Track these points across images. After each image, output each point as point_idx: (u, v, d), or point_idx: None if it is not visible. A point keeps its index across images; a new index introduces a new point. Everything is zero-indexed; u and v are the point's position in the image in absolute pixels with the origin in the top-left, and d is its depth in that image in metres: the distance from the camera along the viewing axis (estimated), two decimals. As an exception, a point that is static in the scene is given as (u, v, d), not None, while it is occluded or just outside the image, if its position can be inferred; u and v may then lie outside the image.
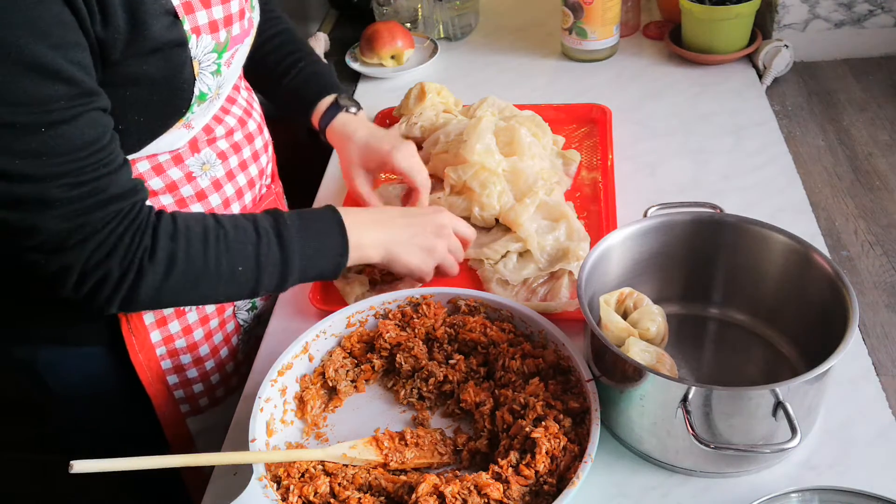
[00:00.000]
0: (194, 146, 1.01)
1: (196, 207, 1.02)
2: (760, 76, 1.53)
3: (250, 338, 1.19)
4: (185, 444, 1.15)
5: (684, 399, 0.76)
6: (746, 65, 1.55)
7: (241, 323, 1.17)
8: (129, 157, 0.93)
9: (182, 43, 0.87)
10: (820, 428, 0.88)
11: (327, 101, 1.20)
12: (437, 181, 1.24)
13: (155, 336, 1.05)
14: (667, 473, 0.85)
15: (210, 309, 1.10)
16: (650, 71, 1.57)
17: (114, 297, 0.85)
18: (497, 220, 1.17)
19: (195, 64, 0.90)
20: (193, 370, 1.11)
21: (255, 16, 1.03)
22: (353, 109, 1.19)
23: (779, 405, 0.76)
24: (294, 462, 0.85)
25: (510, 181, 1.19)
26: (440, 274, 1.06)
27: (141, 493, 1.25)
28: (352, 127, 1.17)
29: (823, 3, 1.56)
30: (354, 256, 0.97)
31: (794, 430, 0.74)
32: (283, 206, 1.25)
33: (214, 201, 1.04)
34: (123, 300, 0.85)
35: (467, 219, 1.19)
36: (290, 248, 0.92)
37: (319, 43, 1.72)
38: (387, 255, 1.00)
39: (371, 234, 0.99)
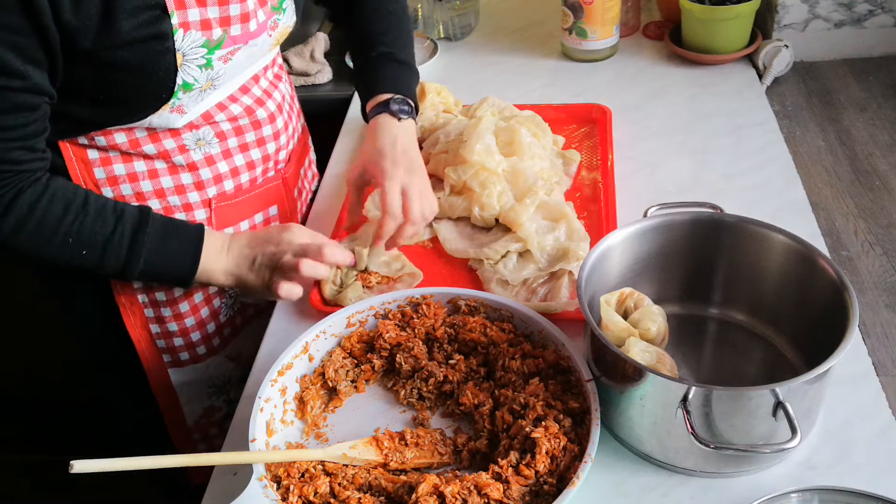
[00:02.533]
0: (191, 124, 1.05)
1: (186, 177, 1.08)
2: (760, 76, 1.53)
3: (235, 302, 1.23)
4: (168, 392, 1.23)
5: (684, 399, 0.76)
6: (746, 65, 1.55)
7: (229, 292, 1.22)
8: (125, 127, 1.01)
9: (162, 36, 0.92)
10: (820, 428, 0.88)
11: (386, 95, 1.17)
12: (437, 181, 1.24)
13: (136, 283, 1.12)
14: (667, 473, 0.85)
15: None
16: (650, 71, 1.57)
17: None
18: (497, 220, 1.17)
19: (178, 56, 0.94)
20: (174, 324, 1.17)
21: (284, 18, 1.07)
22: (403, 116, 1.15)
23: (779, 405, 0.76)
24: (294, 462, 0.85)
25: (510, 181, 1.19)
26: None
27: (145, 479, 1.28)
28: (381, 131, 1.14)
29: (823, 3, 1.56)
30: (203, 279, 1.04)
31: (794, 430, 0.74)
32: (289, 193, 1.25)
33: (205, 174, 1.10)
34: None
35: (467, 219, 1.19)
36: (138, 252, 0.99)
37: (319, 43, 1.71)
38: (235, 285, 1.07)
39: (218, 262, 1.04)
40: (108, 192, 1.06)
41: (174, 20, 0.92)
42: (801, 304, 0.91)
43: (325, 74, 1.67)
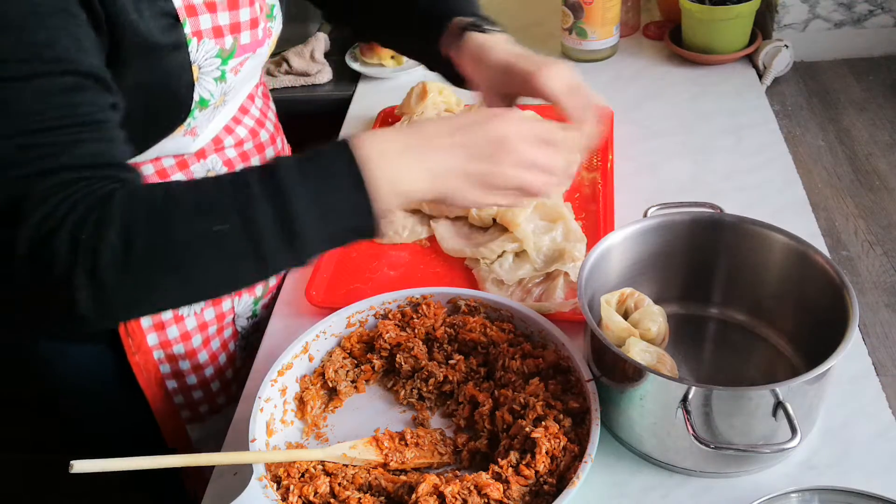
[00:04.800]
0: (201, 153, 1.00)
1: None
2: (760, 76, 1.53)
3: (247, 344, 1.18)
4: (186, 451, 1.11)
5: (684, 399, 0.76)
6: (746, 65, 1.55)
7: (240, 330, 1.15)
8: (133, 161, 0.90)
9: (180, 45, 0.84)
10: (820, 428, 0.88)
11: (460, 22, 0.94)
12: (437, 181, 1.24)
13: (152, 339, 1.03)
14: (667, 474, 0.85)
15: (209, 315, 1.08)
16: (650, 71, 1.57)
17: (76, 295, 0.66)
18: (494, 219, 1.17)
19: (195, 69, 0.87)
20: (192, 377, 1.09)
21: (276, 25, 1.00)
22: (491, 28, 0.93)
23: (779, 405, 0.76)
24: (294, 462, 0.85)
25: (510, 181, 1.19)
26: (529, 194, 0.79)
27: (142, 490, 1.25)
28: (488, 46, 0.90)
29: (823, 3, 1.56)
30: (391, 193, 0.72)
31: (794, 430, 0.74)
32: None
33: None
34: (94, 296, 0.67)
35: (465, 218, 1.19)
36: (284, 188, 0.69)
37: (319, 43, 1.72)
38: (437, 192, 0.75)
39: (407, 166, 0.73)
40: None
41: (187, 29, 0.84)
42: (801, 304, 0.91)
43: (325, 74, 1.67)
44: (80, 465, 0.74)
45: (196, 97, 0.89)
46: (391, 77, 1.63)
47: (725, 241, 0.95)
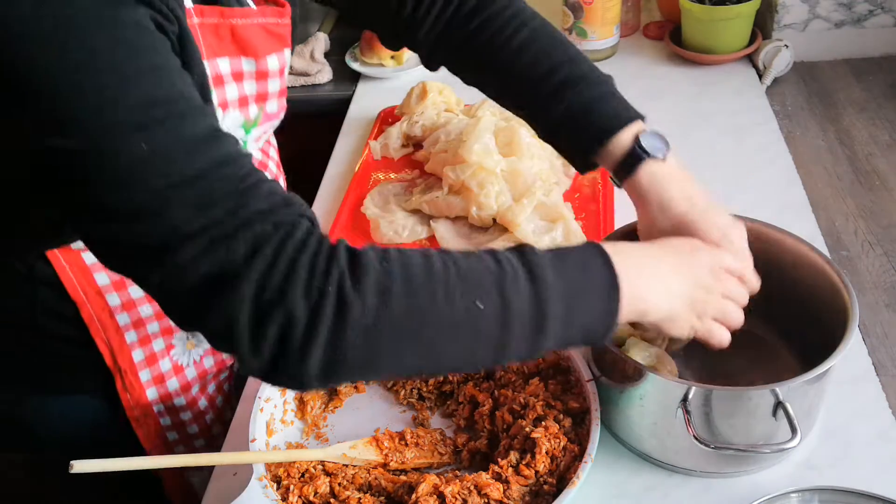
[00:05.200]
0: None
1: None
2: (760, 76, 1.53)
3: (237, 379, 1.12)
4: (188, 498, 1.06)
5: (684, 399, 0.76)
6: (746, 65, 1.55)
7: (235, 370, 1.10)
8: None
9: None
10: (820, 428, 0.88)
11: (624, 140, 0.84)
12: (437, 180, 1.25)
13: (151, 393, 0.97)
14: (667, 473, 0.85)
15: (209, 363, 1.03)
16: (650, 71, 1.57)
17: (310, 350, 0.60)
18: (494, 220, 1.17)
19: None
20: (194, 426, 1.05)
21: (287, 57, 0.92)
22: (660, 153, 0.83)
23: (779, 405, 0.76)
24: (294, 462, 0.85)
25: (508, 181, 1.19)
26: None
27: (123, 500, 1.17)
28: (664, 186, 0.82)
29: (823, 3, 1.56)
30: (631, 310, 0.70)
31: (794, 429, 0.74)
32: None
33: None
34: (328, 353, 0.60)
35: (465, 218, 1.19)
36: (544, 281, 0.65)
37: (319, 43, 1.72)
38: (667, 313, 0.73)
39: (651, 285, 0.72)
40: (114, 300, 0.89)
41: (214, 99, 0.78)
42: (801, 304, 0.91)
43: (325, 74, 1.67)
44: (80, 466, 0.75)
45: None
46: (391, 77, 1.63)
47: (725, 241, 0.95)
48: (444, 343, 0.64)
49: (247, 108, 0.84)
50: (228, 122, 0.83)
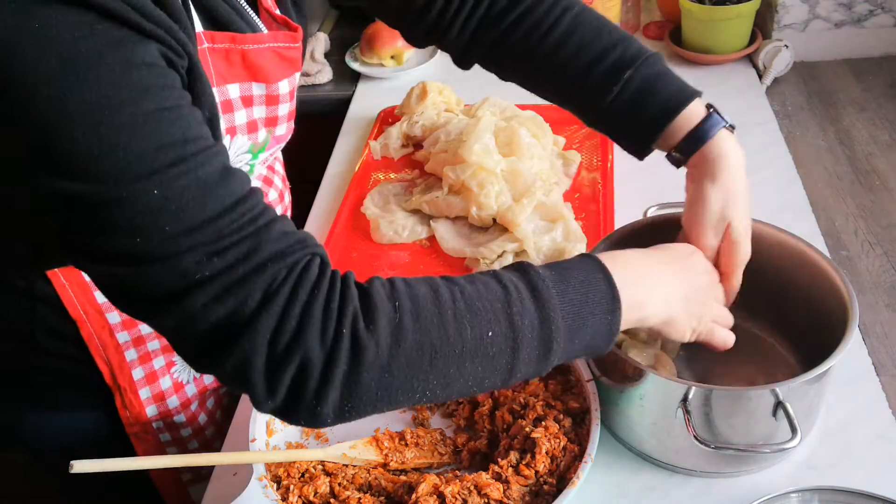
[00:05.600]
0: None
1: None
2: (760, 76, 1.53)
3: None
4: None
5: (684, 399, 0.76)
6: (746, 65, 1.55)
7: None
8: None
9: None
10: (820, 428, 0.88)
11: (695, 112, 0.84)
12: (437, 180, 1.25)
13: (151, 410, 0.97)
14: (667, 473, 0.85)
15: (209, 380, 1.02)
16: (650, 71, 1.57)
17: (326, 392, 0.60)
18: (494, 220, 1.17)
19: None
20: (195, 441, 1.03)
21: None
22: (728, 120, 0.85)
23: (779, 405, 0.76)
24: (294, 462, 0.85)
25: (508, 181, 1.19)
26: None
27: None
28: (731, 160, 0.84)
29: (823, 3, 1.56)
30: (630, 318, 0.71)
31: (794, 429, 0.74)
32: None
33: None
34: (344, 395, 0.61)
35: (465, 218, 1.19)
36: (549, 301, 0.66)
37: (319, 43, 1.72)
38: (666, 320, 0.75)
39: (646, 291, 0.73)
40: (114, 318, 0.88)
41: (221, 125, 0.75)
42: (802, 304, 0.91)
43: (325, 74, 1.67)
44: (81, 465, 0.75)
45: None
46: (391, 77, 1.63)
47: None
48: (457, 373, 0.64)
49: (256, 132, 0.83)
50: (236, 147, 0.81)
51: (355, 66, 1.65)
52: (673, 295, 0.75)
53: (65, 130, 0.55)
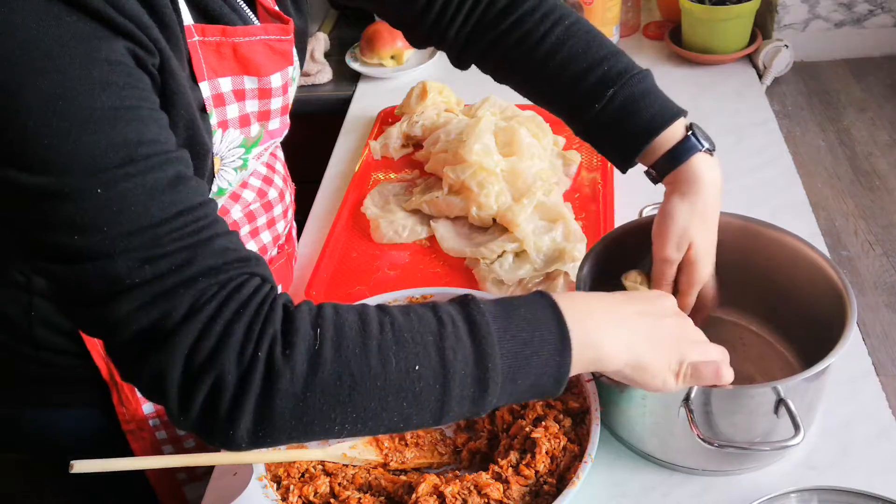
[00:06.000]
0: None
1: None
2: (760, 76, 1.53)
3: None
4: None
5: (686, 398, 0.76)
6: (746, 65, 1.55)
7: None
8: None
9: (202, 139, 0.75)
10: (820, 428, 0.88)
11: (676, 132, 0.85)
12: (437, 180, 1.25)
13: (147, 407, 0.96)
14: (667, 473, 0.85)
15: None
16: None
17: (239, 416, 0.59)
18: (494, 220, 1.17)
19: (216, 160, 0.80)
20: (191, 440, 1.03)
21: (293, 88, 0.91)
22: (706, 144, 0.85)
23: (780, 402, 0.76)
24: (294, 462, 0.85)
25: (508, 181, 1.19)
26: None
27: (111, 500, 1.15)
28: (704, 182, 0.84)
29: (823, 3, 1.56)
30: (584, 359, 0.67)
31: (797, 427, 0.74)
32: (292, 268, 1.13)
33: None
34: (256, 420, 0.60)
35: (465, 218, 1.19)
36: (487, 338, 0.63)
37: (319, 43, 1.72)
38: (633, 364, 0.70)
39: (604, 324, 0.69)
40: None
41: (213, 119, 0.76)
42: (801, 303, 0.91)
43: (325, 74, 1.67)
44: (81, 466, 0.75)
45: (214, 188, 0.83)
46: (391, 77, 1.63)
47: (725, 240, 0.95)
48: (379, 407, 0.62)
49: (248, 126, 0.82)
50: (227, 142, 0.81)
51: (355, 66, 1.65)
52: (635, 336, 0.69)
53: (17, 118, 0.55)
